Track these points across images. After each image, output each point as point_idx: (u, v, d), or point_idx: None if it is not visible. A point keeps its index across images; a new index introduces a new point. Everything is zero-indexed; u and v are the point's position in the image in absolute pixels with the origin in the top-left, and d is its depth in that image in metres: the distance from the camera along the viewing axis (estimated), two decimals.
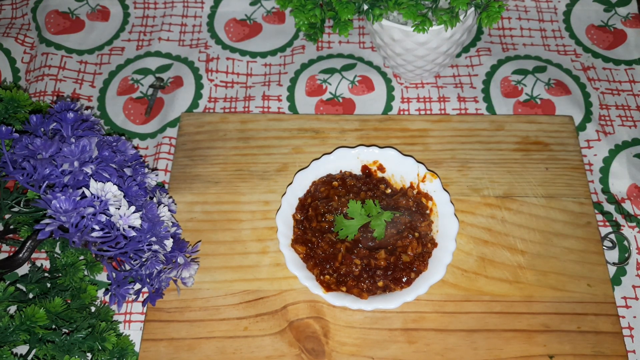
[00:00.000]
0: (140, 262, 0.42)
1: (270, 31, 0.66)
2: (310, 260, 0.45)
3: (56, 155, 0.41)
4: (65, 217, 0.38)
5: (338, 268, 0.44)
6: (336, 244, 0.45)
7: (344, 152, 0.50)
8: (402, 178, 0.50)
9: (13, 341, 0.39)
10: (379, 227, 0.45)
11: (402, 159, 0.49)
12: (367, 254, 0.44)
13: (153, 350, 0.45)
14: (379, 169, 0.50)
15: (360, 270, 0.44)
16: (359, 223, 0.45)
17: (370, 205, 0.45)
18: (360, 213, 0.45)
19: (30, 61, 0.64)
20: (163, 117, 0.60)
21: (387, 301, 0.43)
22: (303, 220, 0.47)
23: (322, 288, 0.44)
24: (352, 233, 0.45)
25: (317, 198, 0.48)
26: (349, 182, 0.48)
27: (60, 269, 0.46)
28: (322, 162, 0.50)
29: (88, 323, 0.43)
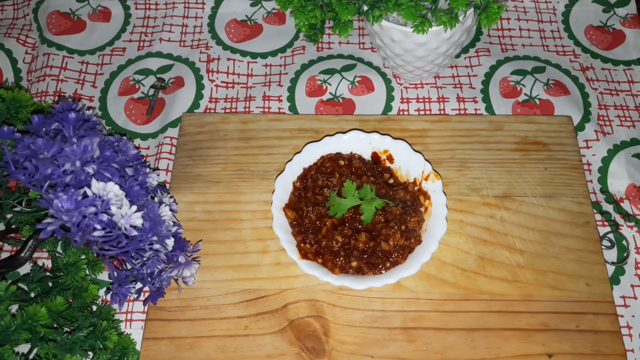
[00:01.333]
0: (141, 261, 0.42)
1: (271, 32, 0.67)
2: (297, 227, 0.47)
3: (58, 155, 0.41)
4: (67, 216, 0.38)
5: (319, 240, 0.46)
6: (324, 218, 0.47)
7: (357, 135, 0.51)
8: (408, 172, 0.50)
9: (15, 340, 0.39)
10: (367, 212, 0.46)
11: (412, 154, 0.50)
12: (349, 234, 0.46)
13: (154, 349, 0.45)
14: (388, 159, 0.51)
15: (339, 247, 0.45)
16: (350, 203, 0.46)
17: (365, 189, 0.47)
18: (353, 194, 0.46)
19: (32, 61, 0.64)
20: (164, 117, 0.60)
21: (355, 282, 0.44)
22: (301, 189, 0.49)
23: (299, 254, 0.45)
24: (342, 212, 0.46)
25: (321, 172, 0.49)
26: (356, 164, 0.49)
27: (61, 268, 0.46)
28: (334, 139, 0.51)
29: (89, 322, 0.43)
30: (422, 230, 0.47)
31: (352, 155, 0.50)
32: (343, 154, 0.51)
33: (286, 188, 0.49)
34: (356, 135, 0.51)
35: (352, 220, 0.46)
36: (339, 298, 0.47)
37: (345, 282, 0.44)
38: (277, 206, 0.47)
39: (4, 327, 0.39)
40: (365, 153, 0.51)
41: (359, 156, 0.51)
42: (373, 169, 0.49)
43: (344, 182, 0.47)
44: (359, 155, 0.51)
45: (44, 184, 0.40)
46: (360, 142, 0.51)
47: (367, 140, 0.51)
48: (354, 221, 0.46)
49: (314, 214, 0.46)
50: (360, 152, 0.51)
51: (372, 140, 0.51)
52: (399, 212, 0.46)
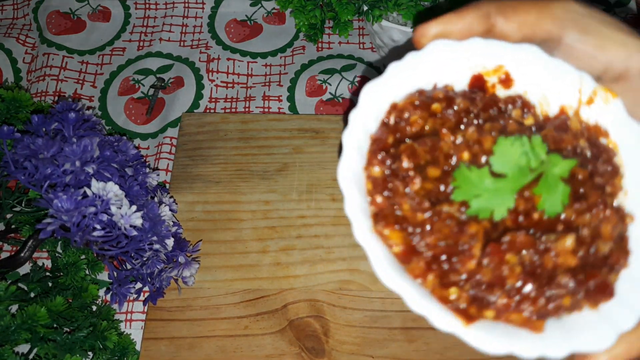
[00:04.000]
0: (141, 261, 0.42)
1: (271, 32, 0.67)
2: (417, 259, 0.23)
3: (58, 155, 0.41)
4: (67, 216, 0.38)
5: (475, 272, 0.23)
6: (466, 225, 0.23)
7: (445, 49, 0.26)
8: (545, 99, 0.27)
9: (15, 340, 0.39)
10: (553, 193, 0.23)
11: (550, 62, 0.26)
12: (530, 243, 0.23)
13: (154, 349, 0.45)
14: (502, 83, 0.27)
15: (523, 276, 0.22)
16: (516, 184, 0.23)
17: (530, 145, 0.23)
18: (517, 163, 0.23)
19: (32, 61, 0.65)
20: (164, 117, 0.60)
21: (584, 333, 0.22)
22: (389, 178, 0.25)
23: (457, 316, 0.23)
24: (505, 204, 0.23)
25: (406, 134, 0.25)
26: (460, 103, 0.26)
27: (61, 269, 0.46)
28: (404, 67, 0.26)
29: (89, 322, 0.43)
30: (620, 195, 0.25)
31: (445, 90, 0.27)
32: (427, 90, 0.27)
33: (360, 185, 0.24)
34: (443, 49, 0.26)
35: (513, 214, 0.23)
36: (339, 298, 0.47)
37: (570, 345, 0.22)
38: (363, 229, 0.23)
39: (4, 327, 0.39)
40: (461, 79, 0.27)
41: (452, 88, 0.27)
42: (489, 104, 0.26)
43: (469, 137, 0.24)
44: (451, 87, 0.27)
45: (44, 184, 0.40)
46: (450, 60, 0.26)
47: (463, 55, 0.26)
48: (516, 216, 0.23)
49: (442, 222, 0.23)
50: (449, 80, 0.27)
51: (472, 53, 0.26)
52: (588, 174, 0.24)
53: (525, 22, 0.26)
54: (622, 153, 0.26)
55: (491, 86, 0.27)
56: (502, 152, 0.23)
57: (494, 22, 0.26)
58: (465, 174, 0.23)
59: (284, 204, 0.52)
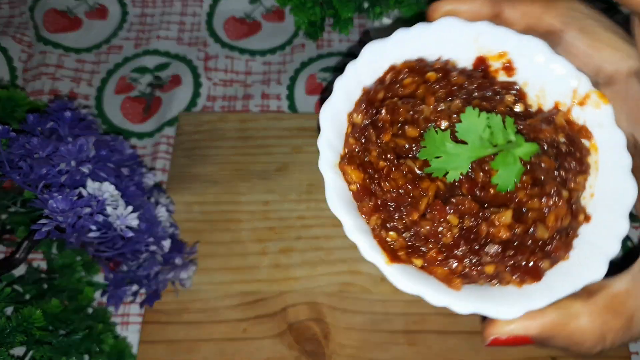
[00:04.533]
0: (137, 263, 0.42)
1: (270, 29, 0.66)
2: (368, 199, 0.25)
3: (53, 154, 0.41)
4: (62, 217, 0.37)
5: (416, 223, 0.25)
6: (421, 181, 0.25)
7: (454, 25, 0.27)
8: (542, 92, 0.28)
9: (10, 343, 0.39)
10: (508, 170, 0.24)
11: (553, 59, 0.27)
12: (474, 210, 0.24)
13: (151, 353, 0.45)
14: (505, 70, 0.28)
15: (457, 237, 0.24)
16: (474, 153, 0.24)
17: (501, 123, 0.25)
18: (479, 134, 0.24)
19: (28, 60, 0.64)
20: (161, 116, 0.60)
21: (497, 301, 0.24)
22: (367, 127, 0.27)
23: (384, 253, 0.25)
24: (459, 168, 0.25)
25: (397, 94, 0.27)
26: (456, 78, 0.27)
27: (57, 270, 0.46)
28: (411, 34, 0.27)
29: (85, 325, 0.43)
30: (585, 196, 0.27)
31: (446, 63, 0.28)
32: (429, 60, 0.28)
33: (338, 125, 0.27)
34: (453, 25, 0.27)
35: (470, 183, 0.25)
36: (340, 301, 0.47)
37: (481, 306, 0.24)
38: (328, 160, 0.26)
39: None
40: (465, 58, 0.29)
41: (453, 64, 0.29)
42: (484, 85, 0.28)
43: (444, 112, 0.26)
44: (454, 63, 0.29)
45: (39, 184, 0.40)
46: (457, 37, 0.28)
47: (470, 36, 0.28)
48: (472, 185, 0.25)
49: (399, 172, 0.25)
50: (455, 56, 0.29)
51: (480, 34, 0.28)
52: (554, 165, 0.26)
53: (530, 12, 0.27)
54: (600, 157, 0.27)
55: (494, 70, 0.29)
56: (467, 121, 0.25)
57: (501, 8, 0.27)
58: (432, 136, 0.25)
59: (283, 205, 0.52)
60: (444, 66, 0.28)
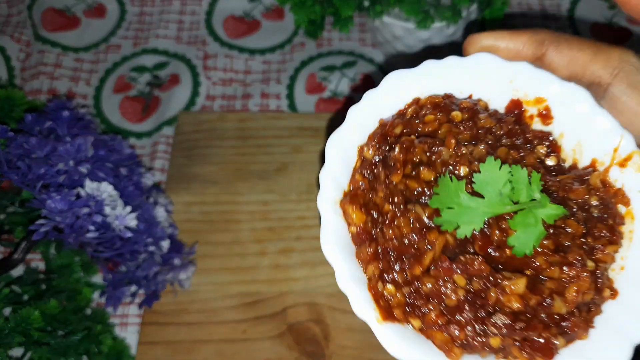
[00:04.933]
0: (136, 263, 0.42)
1: (269, 28, 0.66)
2: (368, 244, 0.23)
3: (51, 154, 0.41)
4: (60, 217, 0.38)
5: (418, 278, 0.22)
6: (428, 231, 0.23)
7: (491, 62, 0.25)
8: (580, 147, 0.25)
9: (8, 343, 0.39)
10: (528, 232, 0.22)
11: (596, 111, 0.25)
12: (485, 272, 0.22)
13: (150, 354, 0.45)
14: (541, 117, 0.26)
15: (462, 300, 0.22)
16: (491, 209, 0.22)
17: (526, 178, 0.22)
18: (498, 189, 0.22)
19: (26, 59, 0.64)
20: (160, 116, 0.60)
21: None
22: (377, 164, 0.25)
23: (377, 309, 0.23)
24: (472, 224, 0.22)
25: (417, 131, 0.25)
26: (484, 120, 0.25)
27: (55, 271, 0.46)
28: (442, 66, 0.26)
29: (84, 325, 0.43)
30: (615, 269, 0.24)
31: (475, 103, 0.26)
32: (456, 97, 0.26)
33: (346, 159, 0.25)
34: (487, 62, 0.25)
35: (484, 240, 0.23)
36: (340, 301, 0.47)
37: None
38: (328, 196, 0.24)
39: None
40: (497, 100, 0.26)
41: (486, 105, 0.26)
42: (515, 132, 0.25)
43: (465, 158, 0.23)
44: (485, 104, 0.26)
45: (37, 184, 0.40)
46: (491, 75, 0.26)
47: (507, 75, 0.25)
48: (487, 244, 0.23)
49: (406, 219, 0.23)
50: (487, 96, 0.26)
51: (518, 75, 0.25)
52: (582, 231, 0.23)
53: (577, 59, 0.25)
54: (637, 227, 0.24)
55: (529, 117, 0.26)
56: (486, 172, 0.22)
57: (546, 51, 0.25)
58: (447, 183, 0.22)
59: (283, 205, 0.52)
60: (473, 106, 0.25)
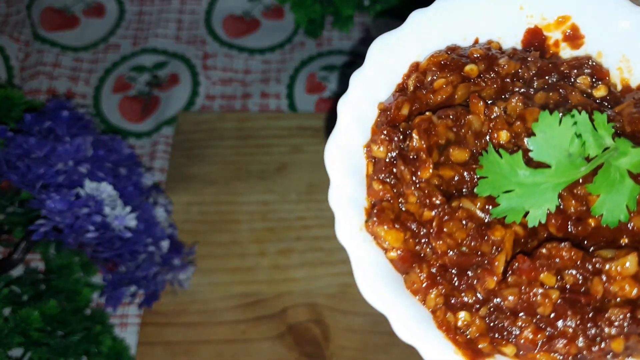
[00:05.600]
0: (135, 263, 0.42)
1: (269, 27, 0.67)
2: (417, 267, 0.19)
3: (51, 154, 0.42)
4: (60, 217, 0.38)
5: (495, 292, 0.18)
6: (489, 229, 0.18)
7: None
8: (626, 61, 0.20)
9: (8, 344, 0.40)
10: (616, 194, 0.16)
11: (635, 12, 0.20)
12: (578, 259, 0.17)
13: (149, 354, 0.45)
14: (568, 40, 0.21)
15: (559, 304, 0.17)
16: (564, 178, 0.17)
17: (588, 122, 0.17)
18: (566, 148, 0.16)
19: (25, 59, 0.65)
20: (159, 116, 0.61)
21: None
22: (395, 161, 0.20)
23: (458, 350, 0.19)
24: (544, 204, 0.17)
25: (429, 105, 0.20)
26: (506, 65, 0.20)
27: (55, 271, 0.47)
28: (432, 14, 0.21)
29: (83, 326, 0.43)
30: None
31: (487, 47, 0.21)
32: (462, 47, 0.21)
33: (354, 167, 0.21)
34: None
35: (561, 217, 0.18)
36: (340, 302, 0.47)
37: None
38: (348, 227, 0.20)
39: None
40: (511, 34, 0.21)
41: (499, 46, 0.21)
42: (546, 68, 0.20)
43: (511, 110, 0.18)
44: (498, 44, 0.22)
45: (37, 184, 0.40)
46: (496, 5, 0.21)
47: (515, 2, 0.21)
48: (565, 220, 0.18)
49: (456, 222, 0.18)
50: (497, 33, 0.21)
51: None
52: None
53: None
54: None
55: (553, 44, 0.21)
56: (544, 133, 0.16)
57: None
58: (494, 161, 0.17)
59: (282, 205, 0.52)
60: (487, 52, 0.20)
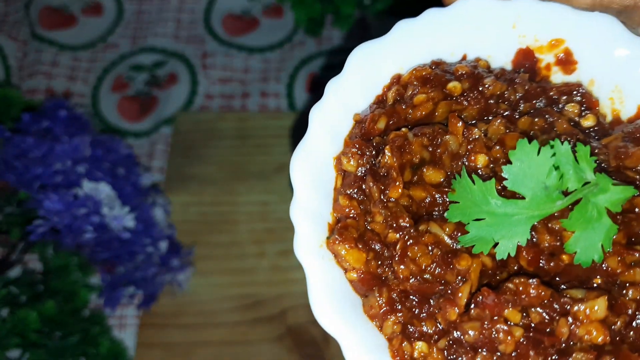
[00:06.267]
0: (134, 264, 0.42)
1: (268, 26, 0.67)
2: (377, 291, 0.18)
3: (49, 154, 0.42)
4: (58, 218, 0.38)
5: (456, 324, 0.17)
6: (456, 257, 0.17)
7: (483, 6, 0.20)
8: (619, 92, 0.20)
9: (5, 345, 0.40)
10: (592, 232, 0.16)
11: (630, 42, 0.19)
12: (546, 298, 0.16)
13: (148, 356, 0.45)
14: (561, 65, 0.20)
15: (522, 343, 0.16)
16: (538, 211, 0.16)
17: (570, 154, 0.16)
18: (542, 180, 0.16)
19: (23, 58, 0.65)
20: (158, 115, 0.61)
21: None
22: (365, 177, 0.19)
23: None
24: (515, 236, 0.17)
25: (407, 120, 0.20)
26: (491, 86, 0.19)
27: (52, 272, 0.47)
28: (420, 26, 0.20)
29: (81, 327, 0.43)
30: None
31: (474, 64, 0.20)
32: (448, 62, 0.21)
33: (321, 180, 0.21)
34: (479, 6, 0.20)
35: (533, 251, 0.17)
36: None
37: None
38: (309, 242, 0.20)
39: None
40: (501, 54, 0.21)
41: (487, 64, 0.21)
42: (534, 92, 0.19)
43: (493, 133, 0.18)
44: (486, 63, 0.21)
45: (34, 184, 0.40)
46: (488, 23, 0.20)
47: (507, 19, 0.20)
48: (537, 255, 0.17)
49: (421, 246, 0.18)
50: (487, 51, 0.21)
51: (521, 16, 0.20)
52: None
53: None
54: None
55: (545, 67, 0.20)
56: (521, 162, 0.15)
57: None
58: (467, 186, 0.16)
59: (282, 206, 0.52)
60: (472, 70, 0.19)
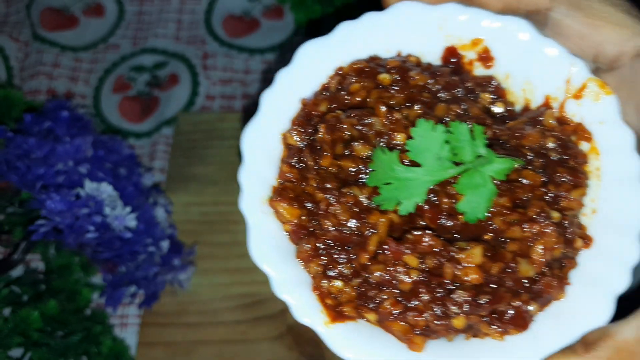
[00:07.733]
0: (135, 264, 0.43)
1: (269, 27, 0.67)
2: (306, 240, 0.22)
3: (50, 154, 0.42)
4: (60, 218, 0.39)
5: (366, 267, 0.21)
6: (369, 214, 0.21)
7: (414, 10, 0.23)
8: (529, 85, 0.23)
9: (7, 344, 0.40)
10: (477, 194, 0.20)
11: (539, 42, 0.22)
12: (437, 247, 0.20)
13: (149, 355, 0.46)
14: (481, 60, 0.24)
15: (417, 282, 0.20)
16: (432, 177, 0.20)
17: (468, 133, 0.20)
18: (436, 152, 0.20)
19: (25, 59, 0.66)
20: (159, 116, 0.61)
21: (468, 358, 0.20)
22: (304, 150, 0.23)
23: (325, 310, 0.21)
24: (413, 197, 0.20)
25: (344, 104, 0.23)
26: (416, 78, 0.23)
27: (54, 271, 0.47)
28: (360, 26, 0.24)
29: (83, 326, 0.44)
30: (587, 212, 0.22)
31: (404, 60, 0.24)
32: (382, 57, 0.24)
33: (270, 151, 0.24)
34: (410, 11, 0.23)
35: (434, 211, 0.21)
36: None
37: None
38: (252, 196, 0.24)
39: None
40: (430, 51, 0.24)
41: (417, 60, 0.24)
42: (453, 84, 0.23)
43: (400, 123, 0.21)
44: (416, 59, 0.24)
45: (36, 185, 0.41)
46: (418, 25, 0.23)
47: (434, 21, 0.23)
48: (438, 214, 0.20)
49: (344, 205, 0.21)
50: (419, 50, 0.24)
51: (447, 19, 0.23)
52: (540, 180, 0.21)
53: None
54: (603, 163, 0.21)
55: (468, 62, 0.24)
56: (420, 137, 0.20)
57: None
58: (380, 157, 0.20)
59: None
60: (402, 64, 0.23)
